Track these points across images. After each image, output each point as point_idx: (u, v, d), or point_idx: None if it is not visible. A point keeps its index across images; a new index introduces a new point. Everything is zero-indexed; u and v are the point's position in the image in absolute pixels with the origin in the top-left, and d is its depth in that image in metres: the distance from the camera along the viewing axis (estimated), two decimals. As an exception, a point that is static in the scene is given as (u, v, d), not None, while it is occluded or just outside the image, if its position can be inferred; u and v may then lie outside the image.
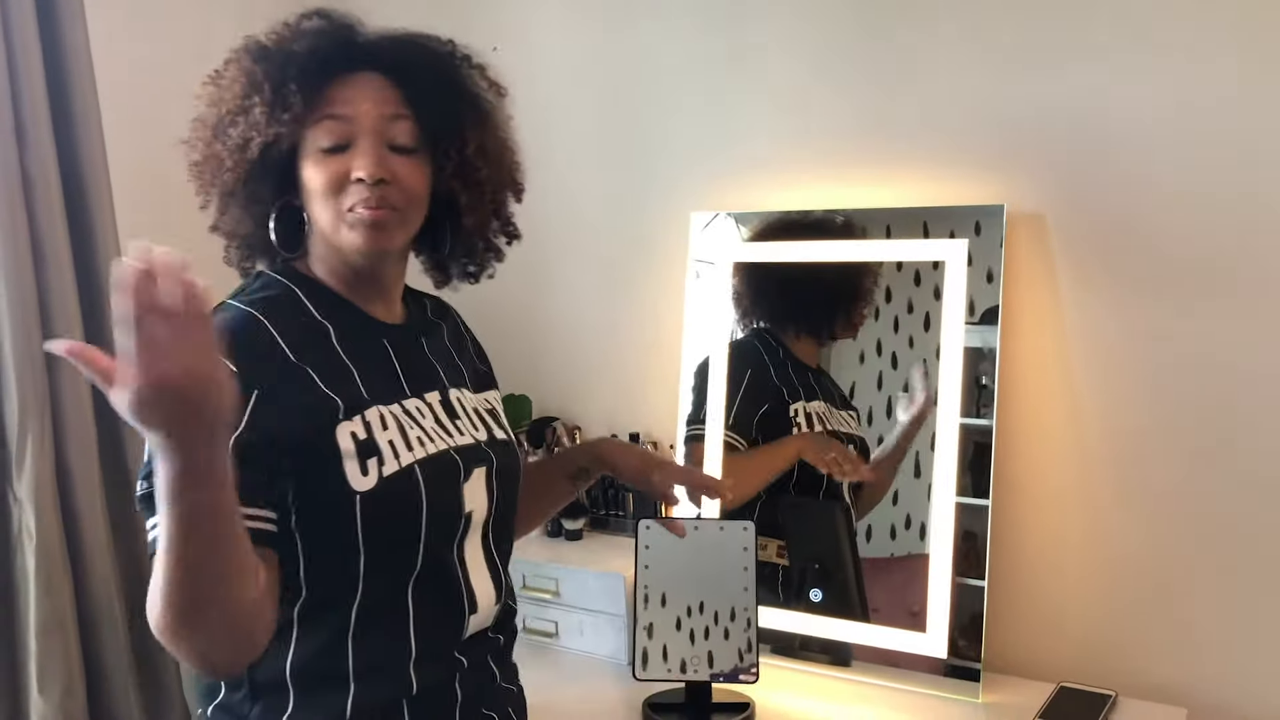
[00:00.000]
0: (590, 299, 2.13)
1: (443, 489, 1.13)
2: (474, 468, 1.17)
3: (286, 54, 1.11)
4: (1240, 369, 1.56)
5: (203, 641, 0.94)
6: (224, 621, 0.94)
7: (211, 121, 1.13)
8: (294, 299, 1.12)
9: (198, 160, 1.15)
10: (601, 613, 1.82)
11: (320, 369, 1.08)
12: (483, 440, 1.21)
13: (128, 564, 1.86)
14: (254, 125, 1.09)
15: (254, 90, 1.09)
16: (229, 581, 0.93)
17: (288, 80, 1.09)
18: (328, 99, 1.10)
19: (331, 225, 1.11)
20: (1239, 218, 1.54)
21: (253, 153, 1.10)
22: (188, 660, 0.96)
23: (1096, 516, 1.68)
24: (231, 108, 1.10)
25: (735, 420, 1.87)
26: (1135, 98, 1.59)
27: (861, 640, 1.73)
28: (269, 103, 1.09)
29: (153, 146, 2.05)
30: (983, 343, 1.67)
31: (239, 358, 1.01)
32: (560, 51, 2.07)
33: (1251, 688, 1.59)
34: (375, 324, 1.17)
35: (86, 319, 1.78)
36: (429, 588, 1.13)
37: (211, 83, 1.14)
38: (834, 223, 1.81)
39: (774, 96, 1.89)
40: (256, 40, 1.13)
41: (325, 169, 1.10)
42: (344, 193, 1.10)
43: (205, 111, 1.14)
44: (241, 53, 1.13)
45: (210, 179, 1.14)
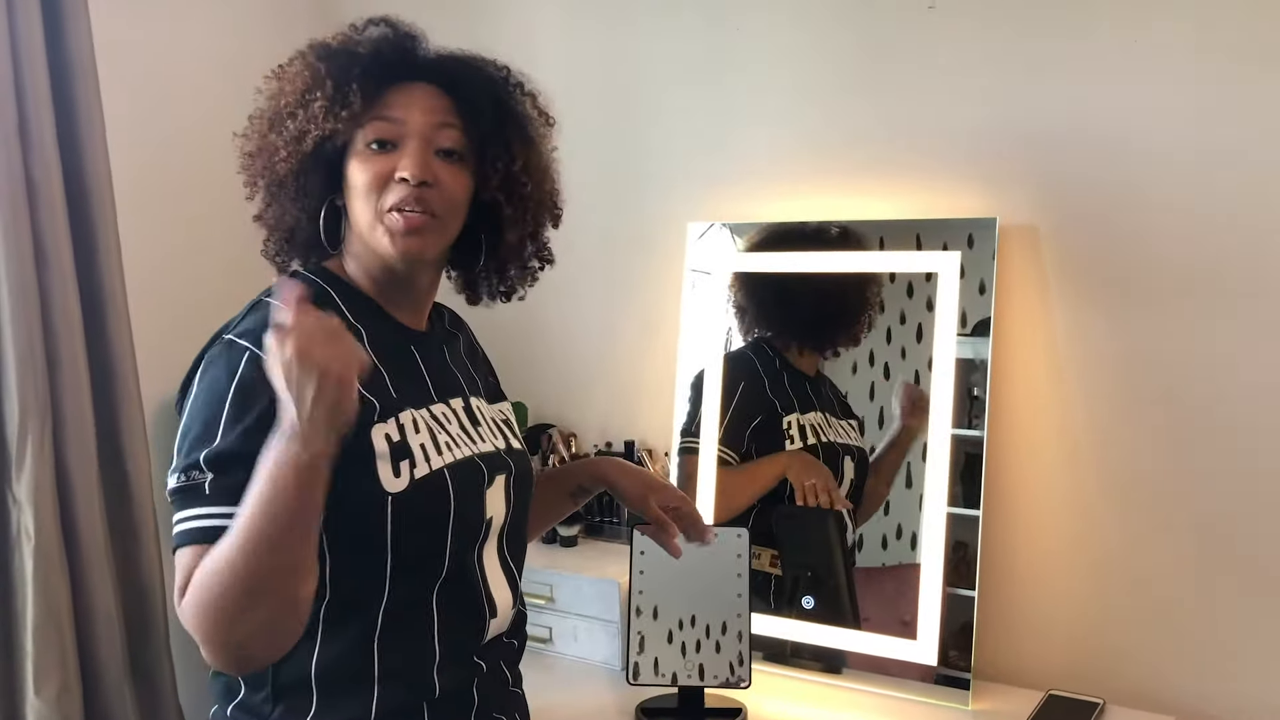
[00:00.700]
0: (587, 307, 2.14)
1: (469, 494, 1.15)
2: (496, 475, 1.19)
3: (351, 55, 1.14)
4: (1230, 380, 1.58)
5: (250, 630, 0.98)
6: (279, 612, 0.98)
7: (270, 114, 1.15)
8: (328, 299, 1.14)
9: (251, 151, 1.16)
10: (596, 619, 1.84)
11: None
12: (502, 449, 1.23)
13: (124, 566, 1.86)
14: (312, 119, 1.11)
15: (316, 86, 1.12)
16: (297, 574, 0.98)
17: (350, 80, 1.12)
18: (384, 101, 1.13)
19: (369, 224, 1.12)
20: (1229, 229, 1.56)
21: (307, 146, 1.12)
22: (221, 650, 0.98)
23: (1086, 527, 1.70)
24: (291, 101, 1.13)
25: (727, 434, 1.89)
26: (1127, 111, 1.61)
27: (853, 648, 1.75)
28: (329, 98, 1.11)
29: (155, 149, 2.07)
30: (975, 354, 1.69)
31: None
32: (558, 60, 2.09)
33: (1238, 696, 1.61)
34: (404, 330, 1.19)
35: (88, 320, 1.79)
36: (453, 592, 1.15)
37: (274, 77, 1.17)
38: (829, 234, 1.83)
39: (770, 108, 1.91)
40: (323, 41, 1.16)
41: (370, 166, 1.12)
42: (386, 191, 1.11)
43: (265, 104, 1.16)
44: (307, 50, 1.16)
45: (261, 169, 1.16)
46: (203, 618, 0.97)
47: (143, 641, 1.88)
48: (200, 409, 1.04)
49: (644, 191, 2.05)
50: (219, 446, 1.01)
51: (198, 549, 0.99)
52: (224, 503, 1.00)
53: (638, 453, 2.03)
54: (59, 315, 1.74)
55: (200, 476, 1.01)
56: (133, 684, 1.85)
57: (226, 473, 1.00)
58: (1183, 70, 1.57)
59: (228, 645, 0.99)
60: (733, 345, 1.91)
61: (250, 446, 1.00)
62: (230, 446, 1.01)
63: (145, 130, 2.02)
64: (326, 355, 0.93)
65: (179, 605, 1.00)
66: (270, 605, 0.98)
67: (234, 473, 1.00)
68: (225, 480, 1.00)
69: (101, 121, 1.80)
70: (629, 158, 2.07)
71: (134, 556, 1.86)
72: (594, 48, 2.08)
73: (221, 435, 1.02)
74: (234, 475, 1.00)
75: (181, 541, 1.01)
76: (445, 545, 1.13)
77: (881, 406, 1.77)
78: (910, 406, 1.73)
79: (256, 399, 1.02)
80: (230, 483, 1.00)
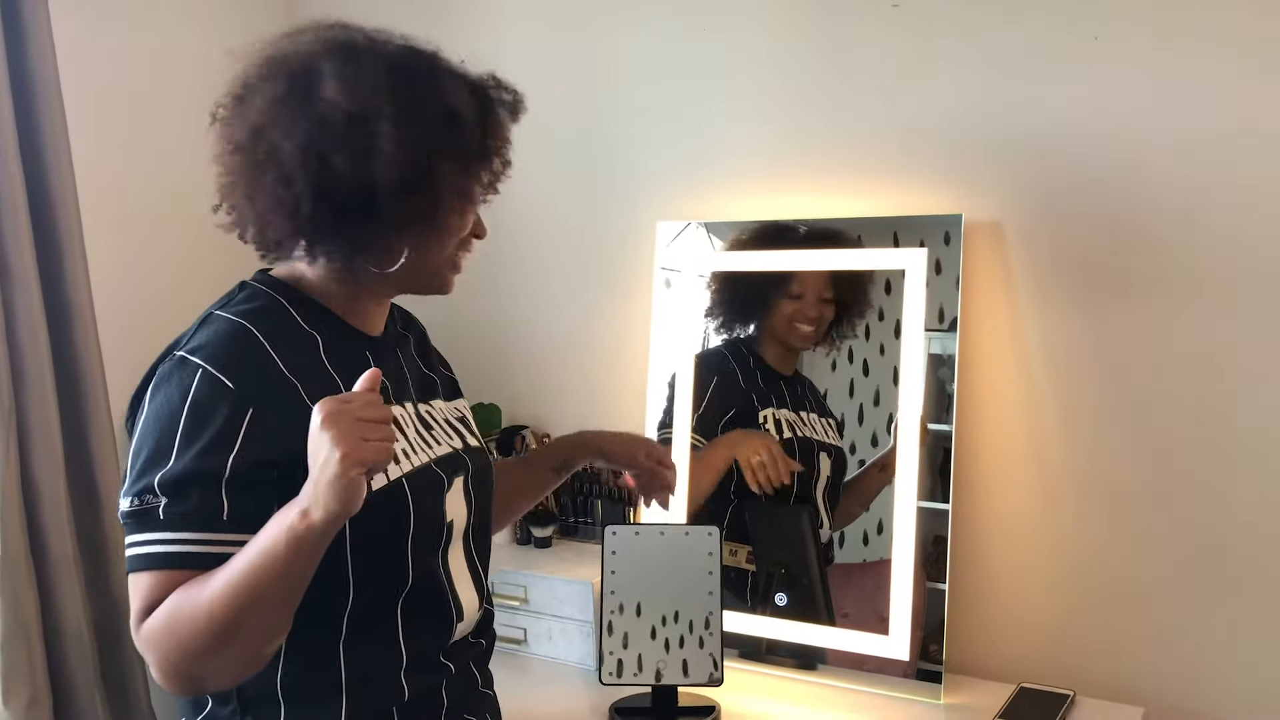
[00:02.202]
0: (559, 307, 2.14)
1: (428, 501, 1.14)
2: (454, 477, 1.19)
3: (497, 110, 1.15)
4: (1196, 373, 1.60)
5: (211, 669, 0.99)
6: (244, 659, 1.00)
7: (424, 128, 1.07)
8: (281, 310, 1.12)
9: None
10: (570, 619, 1.84)
11: (309, 382, 1.07)
12: (459, 448, 1.22)
13: (94, 576, 1.85)
14: (474, 156, 1.11)
15: (491, 135, 1.13)
16: (271, 632, 0.99)
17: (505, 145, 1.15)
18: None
19: (439, 265, 1.14)
20: (1195, 224, 1.58)
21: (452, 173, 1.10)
22: (175, 679, 0.99)
23: (1055, 519, 1.71)
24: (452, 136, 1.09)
25: (700, 423, 1.89)
26: (1090, 106, 1.62)
27: (826, 644, 1.75)
28: (494, 151, 1.13)
29: (120, 156, 2.06)
30: (946, 349, 1.70)
31: (234, 372, 1.02)
32: (527, 61, 2.08)
33: (1208, 687, 1.63)
34: (359, 335, 1.17)
35: (53, 330, 1.78)
36: (418, 598, 1.14)
37: (406, 96, 1.09)
38: (798, 232, 1.83)
39: (739, 107, 1.91)
40: (483, 84, 1.13)
41: (470, 218, 1.15)
42: (463, 242, 1.16)
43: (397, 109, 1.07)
44: (479, 86, 1.13)
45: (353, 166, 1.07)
46: (166, 649, 0.97)
47: (114, 651, 1.87)
48: (152, 429, 1.02)
49: (614, 191, 2.05)
50: (173, 470, 1.00)
51: (155, 575, 0.99)
52: (179, 528, 0.99)
53: (611, 453, 2.03)
54: (23, 325, 1.72)
55: (154, 500, 0.99)
56: (105, 694, 1.84)
57: (181, 497, 0.99)
58: (1146, 64, 1.58)
59: (183, 677, 0.99)
60: (709, 344, 1.91)
61: (204, 467, 0.99)
62: (184, 469, 0.99)
63: (110, 137, 2.01)
64: (358, 433, 0.92)
65: (135, 628, 1.00)
66: (237, 653, 0.99)
67: (188, 497, 0.99)
68: (180, 506, 0.99)
69: (65, 129, 1.78)
70: (599, 157, 2.07)
71: (104, 566, 1.85)
72: (563, 45, 2.07)
73: (175, 457, 1.00)
74: (188, 500, 0.99)
75: (136, 566, 1.00)
76: (406, 553, 1.12)
77: (861, 403, 1.77)
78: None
79: (210, 419, 1.00)
80: (185, 509, 0.99)
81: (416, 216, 1.08)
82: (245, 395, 1.02)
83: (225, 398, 1.01)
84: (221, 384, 1.01)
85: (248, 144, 1.06)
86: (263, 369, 1.05)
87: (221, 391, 1.01)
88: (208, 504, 0.99)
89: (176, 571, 0.99)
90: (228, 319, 1.08)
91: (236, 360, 1.04)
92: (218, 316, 1.09)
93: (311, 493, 0.93)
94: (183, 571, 0.99)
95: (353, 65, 1.05)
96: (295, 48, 1.08)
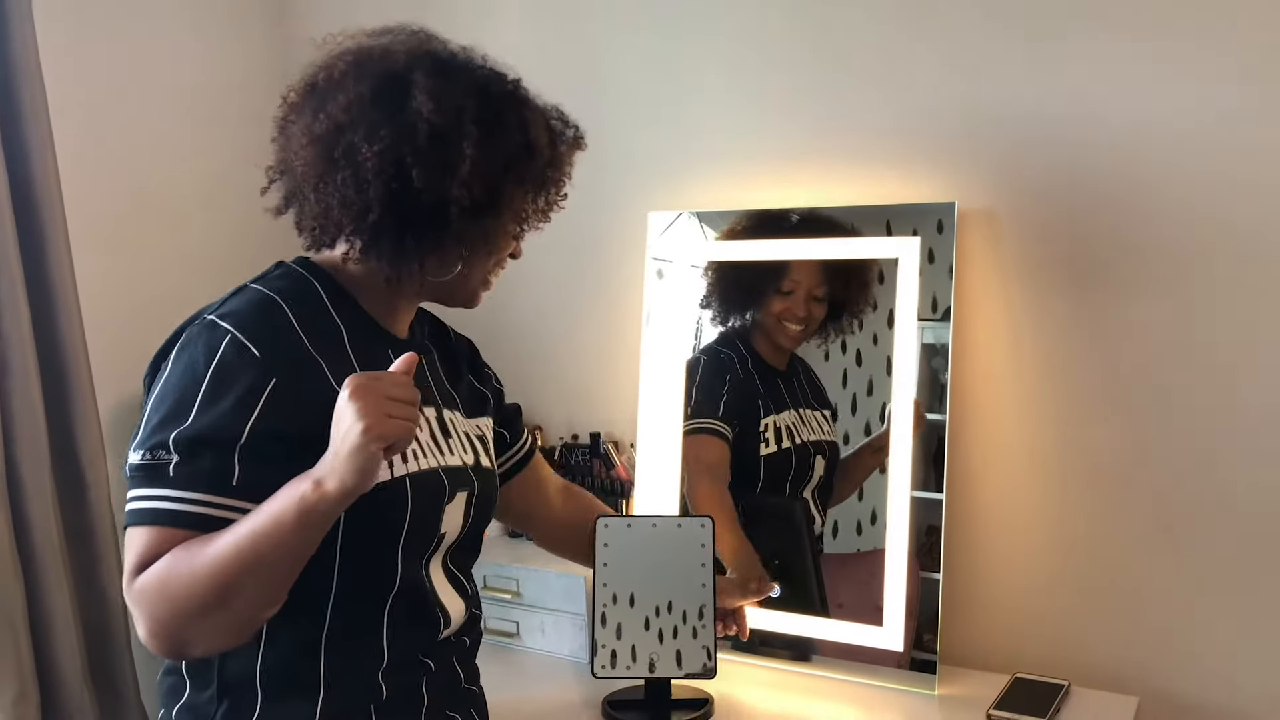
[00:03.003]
0: (550, 299, 2.13)
1: (427, 506, 1.14)
2: (458, 490, 1.18)
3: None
4: (1191, 362, 1.59)
5: (200, 631, 0.99)
6: (236, 625, 1.00)
7: (510, 150, 1.12)
8: (314, 294, 1.12)
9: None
10: (562, 612, 1.82)
11: (331, 365, 1.08)
12: (470, 464, 1.22)
13: (82, 569, 1.84)
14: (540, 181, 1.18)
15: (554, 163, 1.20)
16: (267, 602, 1.00)
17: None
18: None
19: (475, 281, 1.18)
20: (1188, 212, 1.57)
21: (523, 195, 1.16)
22: (162, 638, 0.99)
23: (1049, 508, 1.70)
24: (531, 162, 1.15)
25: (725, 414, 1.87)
26: (1084, 94, 1.61)
27: (820, 635, 1.75)
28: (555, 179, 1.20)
29: (104, 150, 2.04)
30: (939, 339, 1.69)
31: (262, 342, 1.03)
32: (514, 50, 2.06)
33: (1202, 677, 1.62)
34: (384, 334, 1.17)
35: (38, 324, 1.76)
36: (405, 601, 1.14)
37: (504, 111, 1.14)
38: (790, 221, 1.82)
39: (732, 96, 1.90)
40: (558, 122, 1.21)
41: (512, 242, 1.19)
42: (500, 261, 1.20)
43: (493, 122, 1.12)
44: (550, 118, 1.20)
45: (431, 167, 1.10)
46: (157, 607, 0.97)
47: (103, 645, 1.86)
48: (174, 387, 1.02)
49: (604, 181, 2.04)
50: (190, 428, 1.00)
51: (155, 531, 0.99)
52: (186, 487, 0.99)
53: (604, 445, 2.02)
54: (7, 316, 1.71)
55: (166, 457, 0.99)
56: (93, 688, 1.83)
57: (194, 457, 0.99)
58: (1140, 54, 1.57)
59: (169, 637, 0.99)
60: (703, 335, 1.90)
61: (221, 430, 0.99)
62: (201, 429, 1.00)
63: (94, 131, 1.99)
64: (384, 409, 0.94)
65: (129, 583, 0.99)
66: (228, 619, 0.99)
67: (201, 458, 0.99)
68: (191, 465, 0.99)
69: (48, 123, 1.76)
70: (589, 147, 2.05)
71: (92, 560, 1.84)
72: (551, 34, 2.06)
73: (195, 416, 1.00)
74: (201, 460, 0.99)
75: (137, 520, 1.00)
76: (396, 553, 1.11)
77: (854, 393, 1.76)
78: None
79: (234, 383, 1.01)
80: (196, 468, 0.99)
81: (478, 235, 1.11)
82: (270, 365, 1.02)
83: (251, 364, 1.02)
84: (249, 350, 1.02)
85: (326, 138, 1.07)
86: (289, 343, 1.06)
87: (248, 358, 1.02)
88: (219, 467, 1.00)
89: (177, 530, 0.99)
90: (261, 291, 1.09)
91: (265, 331, 1.05)
92: (251, 289, 1.10)
93: (329, 464, 0.95)
94: (183, 531, 0.99)
95: (443, 80, 1.08)
96: (385, 49, 1.10)
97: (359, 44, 1.11)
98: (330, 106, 1.07)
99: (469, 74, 1.11)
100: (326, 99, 1.08)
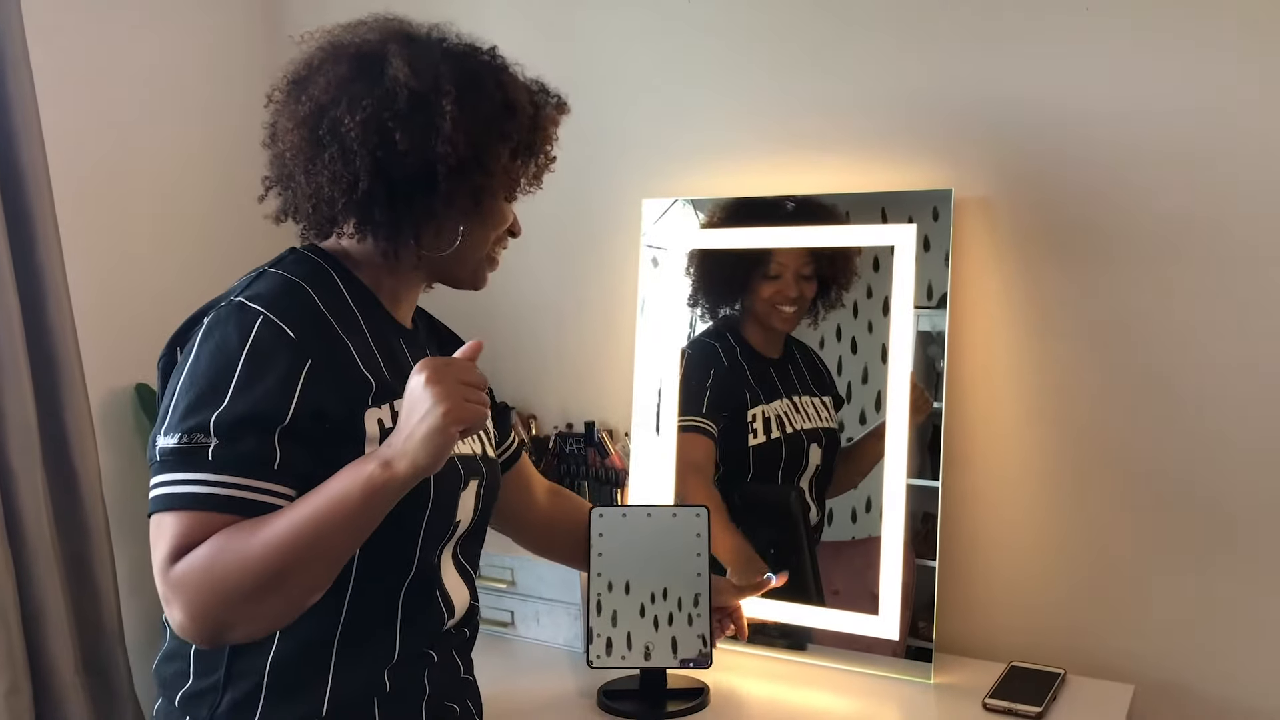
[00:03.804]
0: (543, 287, 2.12)
1: (446, 494, 1.14)
2: (471, 479, 1.19)
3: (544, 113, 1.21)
4: (1190, 348, 1.58)
5: (244, 616, 0.98)
6: (282, 610, 1.00)
7: (481, 118, 1.12)
8: (330, 279, 1.12)
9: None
10: (557, 601, 1.82)
11: (357, 347, 1.09)
12: (478, 454, 1.22)
13: (74, 563, 1.83)
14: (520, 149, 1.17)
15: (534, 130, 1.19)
16: (318, 586, 1.01)
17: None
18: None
19: (479, 258, 1.18)
20: (1185, 196, 1.56)
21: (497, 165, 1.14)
22: (202, 622, 0.97)
23: (1046, 496, 1.70)
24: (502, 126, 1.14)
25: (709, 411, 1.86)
26: (1080, 79, 1.60)
27: (816, 624, 1.74)
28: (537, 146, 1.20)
29: (94, 138, 2.02)
30: (935, 326, 1.69)
31: (295, 324, 1.03)
32: (507, 32, 2.04)
33: (1198, 664, 1.62)
34: (394, 323, 1.18)
35: (27, 313, 1.75)
36: (417, 593, 1.14)
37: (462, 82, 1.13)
38: (785, 208, 1.81)
39: (726, 83, 1.88)
40: (542, 93, 1.21)
41: (509, 212, 1.20)
42: (500, 238, 1.20)
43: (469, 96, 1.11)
44: (532, 89, 1.20)
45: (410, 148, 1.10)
46: (201, 592, 0.96)
47: (95, 638, 1.85)
48: (206, 369, 1.01)
49: (598, 168, 2.03)
50: (228, 411, 0.99)
51: (195, 515, 0.97)
52: (226, 471, 0.98)
53: (598, 433, 2.01)
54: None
55: (205, 440, 0.98)
56: (86, 680, 1.82)
57: (235, 439, 0.98)
58: (1137, 38, 1.56)
59: (211, 621, 0.98)
60: (697, 322, 1.89)
61: (262, 412, 0.99)
62: (242, 412, 0.99)
63: (83, 118, 1.97)
64: (460, 395, 0.97)
65: (165, 567, 0.97)
66: (279, 602, 0.99)
67: (243, 441, 0.98)
68: (231, 449, 0.98)
69: (35, 110, 1.74)
70: (582, 134, 2.03)
71: (84, 553, 1.83)
72: (543, 20, 2.04)
73: (231, 398, 0.99)
74: (242, 444, 0.98)
75: (170, 505, 0.98)
76: (415, 542, 1.11)
77: (849, 382, 1.75)
78: (911, 405, 1.69)
79: (270, 365, 1.00)
80: (237, 452, 0.98)
81: (468, 198, 1.11)
82: (305, 347, 1.02)
83: (287, 346, 1.02)
84: (284, 332, 1.02)
85: (310, 120, 1.08)
86: (320, 325, 1.06)
87: (283, 340, 1.02)
88: (261, 450, 0.99)
89: (218, 515, 0.98)
90: (284, 275, 1.09)
91: (296, 313, 1.05)
92: (272, 273, 1.10)
93: (400, 447, 0.97)
94: (225, 515, 0.98)
95: (418, 48, 1.10)
96: (361, 35, 1.12)
97: (334, 36, 1.13)
98: (312, 89, 1.09)
99: (444, 44, 1.14)
100: (308, 84, 1.10)
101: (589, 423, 2.03)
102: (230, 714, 1.07)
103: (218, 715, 1.07)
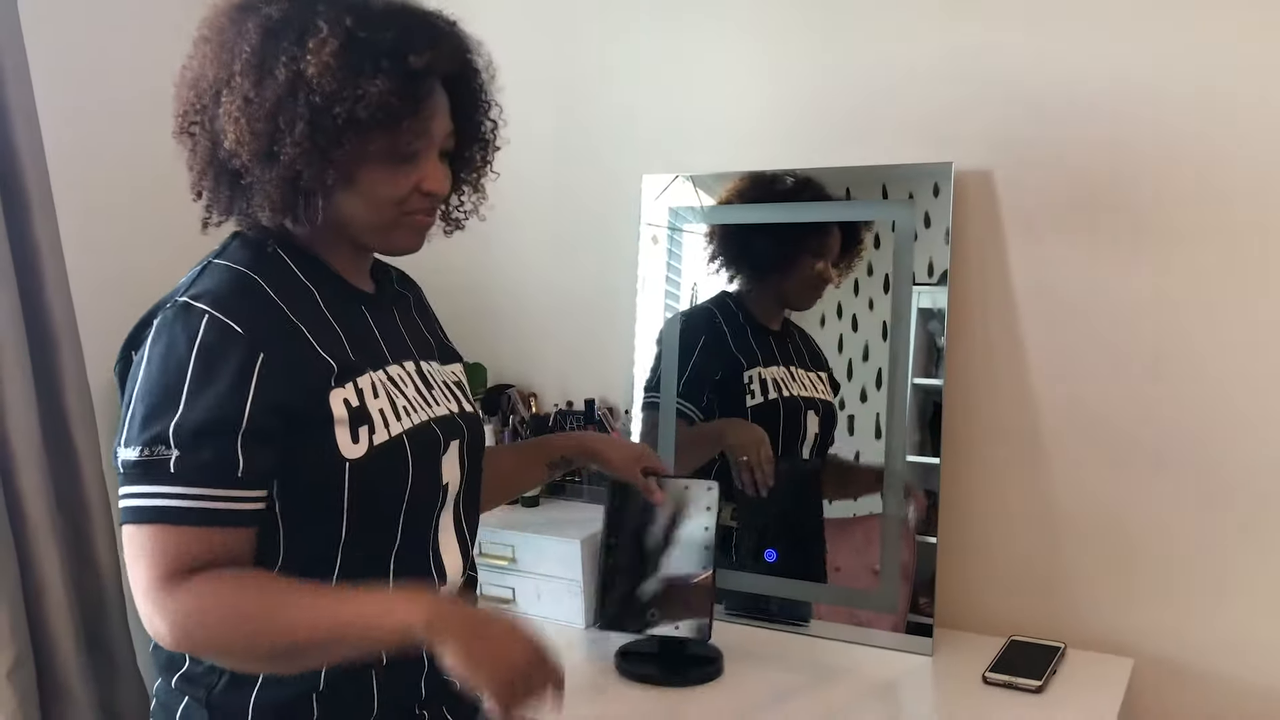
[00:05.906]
0: (543, 264, 2.11)
1: (426, 461, 1.13)
2: (451, 440, 1.17)
3: (402, 49, 1.04)
4: (1189, 323, 1.58)
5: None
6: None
7: (289, 79, 1.01)
8: (279, 260, 1.09)
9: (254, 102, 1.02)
10: (558, 578, 1.83)
11: (313, 329, 1.06)
12: (455, 412, 1.20)
13: (75, 541, 1.82)
14: (367, 107, 1.01)
15: (386, 81, 1.03)
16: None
17: (417, 86, 1.04)
18: (419, 110, 1.05)
19: (387, 224, 1.08)
20: (1182, 173, 1.56)
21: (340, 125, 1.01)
22: (184, 645, 1.01)
23: (1045, 472, 1.70)
24: (335, 77, 1.00)
25: (688, 389, 1.87)
26: (1080, 52, 1.59)
27: (817, 599, 1.75)
28: (399, 99, 1.03)
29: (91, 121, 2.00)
30: (935, 303, 1.69)
31: (242, 318, 1.00)
32: (507, 13, 2.04)
33: (1196, 638, 1.63)
34: (355, 291, 1.15)
35: (24, 293, 1.74)
36: (406, 561, 1.13)
37: (285, 34, 1.03)
38: (785, 184, 1.80)
39: (727, 59, 1.87)
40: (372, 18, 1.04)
41: (400, 179, 1.06)
42: (408, 200, 1.08)
43: (276, 61, 1.01)
44: (350, 26, 1.02)
45: (264, 127, 1.02)
46: (200, 629, 0.98)
47: (98, 616, 1.85)
48: (157, 376, 0.99)
49: (598, 144, 2.02)
50: (185, 419, 0.97)
51: (171, 531, 0.97)
52: (192, 483, 0.97)
53: (598, 410, 2.01)
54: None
55: (166, 452, 0.97)
56: (90, 657, 1.82)
57: (195, 449, 0.97)
58: (1139, 11, 1.55)
59: (191, 647, 1.02)
60: (697, 301, 1.89)
61: (219, 417, 0.97)
62: (198, 419, 0.97)
63: (80, 103, 1.95)
64: (515, 682, 0.97)
65: (157, 585, 0.97)
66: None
67: (203, 449, 0.97)
68: (194, 458, 0.97)
69: (30, 94, 1.73)
70: (582, 110, 2.03)
71: (85, 531, 1.82)
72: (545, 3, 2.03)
73: (185, 405, 0.97)
74: (203, 452, 0.97)
75: (140, 518, 0.98)
76: (400, 513, 1.10)
77: (850, 359, 1.75)
78: None
79: (221, 366, 0.98)
80: (198, 460, 0.97)
81: (329, 131, 1.00)
82: (255, 340, 1.00)
83: (235, 343, 0.99)
84: (230, 329, 0.99)
85: (189, 118, 1.07)
86: (270, 315, 1.03)
87: (231, 337, 0.99)
88: (223, 458, 0.98)
89: (191, 528, 0.97)
90: (230, 266, 1.06)
91: (244, 306, 1.02)
92: (217, 265, 1.07)
93: (448, 619, 0.97)
94: (198, 529, 0.97)
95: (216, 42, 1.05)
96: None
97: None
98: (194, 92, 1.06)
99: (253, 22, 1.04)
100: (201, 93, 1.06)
101: (589, 400, 2.04)
102: (227, 692, 1.07)
103: (215, 694, 1.07)
